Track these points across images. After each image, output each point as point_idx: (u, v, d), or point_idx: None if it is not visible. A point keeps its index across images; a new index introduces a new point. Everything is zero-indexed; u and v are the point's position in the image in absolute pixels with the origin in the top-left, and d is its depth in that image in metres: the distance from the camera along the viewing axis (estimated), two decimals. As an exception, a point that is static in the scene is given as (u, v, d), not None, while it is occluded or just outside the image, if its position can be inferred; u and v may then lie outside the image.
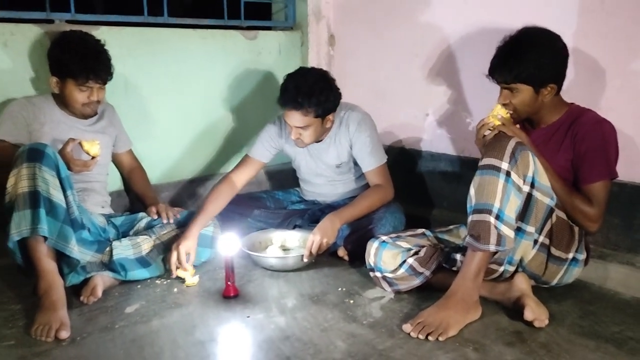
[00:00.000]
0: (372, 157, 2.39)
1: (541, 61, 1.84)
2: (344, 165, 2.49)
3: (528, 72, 1.85)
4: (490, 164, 1.76)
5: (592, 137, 1.88)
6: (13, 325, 1.78)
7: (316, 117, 2.27)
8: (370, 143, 2.38)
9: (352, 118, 2.40)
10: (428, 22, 2.71)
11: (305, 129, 2.29)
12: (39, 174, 1.86)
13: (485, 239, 1.73)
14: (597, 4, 2.10)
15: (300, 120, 2.26)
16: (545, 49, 1.86)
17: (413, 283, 1.97)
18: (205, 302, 1.97)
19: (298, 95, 2.20)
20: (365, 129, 2.39)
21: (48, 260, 1.88)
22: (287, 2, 3.19)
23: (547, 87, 1.89)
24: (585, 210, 1.88)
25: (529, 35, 1.90)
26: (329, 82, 2.31)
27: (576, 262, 1.93)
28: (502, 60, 1.91)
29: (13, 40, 2.30)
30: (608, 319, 1.83)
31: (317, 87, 2.23)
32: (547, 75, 1.87)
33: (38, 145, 1.92)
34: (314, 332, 1.75)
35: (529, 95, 1.90)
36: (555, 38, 1.90)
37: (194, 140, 2.88)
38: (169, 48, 2.71)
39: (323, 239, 2.18)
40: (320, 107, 2.25)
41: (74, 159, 2.03)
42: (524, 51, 1.86)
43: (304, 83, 2.23)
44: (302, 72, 2.33)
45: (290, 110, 2.25)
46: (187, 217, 2.31)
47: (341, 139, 2.43)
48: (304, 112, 2.23)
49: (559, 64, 1.89)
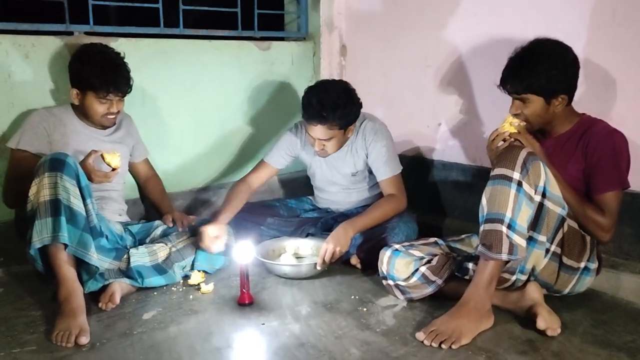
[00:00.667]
0: (387, 166, 2.42)
1: (552, 72, 1.86)
2: (360, 174, 2.52)
3: (539, 83, 1.88)
4: (502, 174, 1.78)
5: (603, 147, 1.90)
6: (34, 331, 1.82)
7: (340, 129, 2.32)
8: (386, 153, 2.42)
9: (369, 128, 2.44)
10: (439, 33, 2.74)
11: (328, 140, 2.33)
12: (60, 183, 1.90)
13: (497, 248, 1.75)
14: (608, 16, 2.12)
15: (325, 134, 2.30)
16: (556, 60, 1.88)
17: (425, 291, 1.99)
18: (220, 309, 2.00)
19: (323, 110, 2.24)
20: (382, 138, 2.43)
21: (68, 267, 1.92)
22: (299, 13, 3.24)
23: (558, 98, 1.91)
24: (597, 220, 1.89)
25: (540, 47, 1.93)
26: (351, 94, 2.35)
27: (588, 271, 1.94)
28: (513, 71, 1.94)
29: (34, 52, 2.35)
30: (620, 328, 1.84)
31: (341, 101, 2.26)
32: (558, 86, 1.89)
33: (59, 155, 1.96)
34: (328, 339, 1.78)
35: (540, 105, 1.93)
36: (567, 49, 1.92)
37: (208, 149, 2.93)
38: (184, 59, 2.76)
39: (336, 248, 2.20)
40: (344, 119, 2.30)
41: (95, 170, 2.08)
42: (535, 62, 1.89)
43: (327, 97, 2.26)
44: (324, 86, 2.36)
45: (316, 124, 2.29)
46: (202, 224, 2.35)
47: (357, 148, 2.46)
48: (329, 125, 2.28)
49: (569, 75, 1.91)
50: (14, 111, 2.34)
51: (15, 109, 2.34)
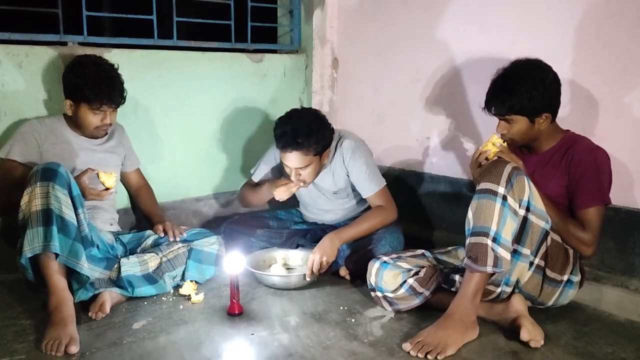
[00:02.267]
0: (371, 182, 2.43)
1: (532, 93, 1.91)
2: (342, 191, 2.54)
3: (521, 104, 1.93)
4: (487, 188, 1.83)
5: (586, 164, 1.95)
6: (24, 340, 1.82)
7: (315, 155, 2.33)
8: (367, 170, 2.42)
9: (345, 146, 2.44)
10: (429, 49, 2.79)
11: (305, 168, 2.34)
12: (52, 192, 1.91)
13: (482, 260, 1.79)
14: (592, 35, 2.18)
15: (301, 161, 2.31)
16: (535, 80, 1.93)
17: (413, 303, 2.02)
18: (210, 319, 2.02)
19: (297, 137, 2.25)
20: (360, 156, 2.43)
21: (59, 276, 1.93)
22: (292, 26, 3.28)
23: (542, 116, 1.97)
24: (579, 236, 1.94)
25: (519, 69, 1.97)
26: (323, 120, 2.38)
27: (571, 284, 1.99)
28: (495, 93, 1.99)
29: (28, 62, 2.38)
30: (602, 340, 1.88)
31: (314, 127, 2.29)
32: (539, 105, 1.94)
33: (51, 165, 1.98)
34: (316, 350, 1.80)
35: (525, 125, 1.98)
36: (546, 69, 1.97)
37: (200, 159, 2.95)
38: (177, 70, 2.79)
39: (323, 258, 2.23)
40: (320, 144, 2.31)
41: (89, 188, 2.11)
42: (515, 84, 1.93)
43: (300, 124, 2.28)
44: (297, 115, 2.37)
45: (291, 152, 2.29)
46: (193, 235, 2.37)
47: (337, 167, 2.47)
48: (305, 152, 2.29)
49: (550, 94, 1.96)
50: (6, 121, 2.36)
51: (7, 118, 2.36)
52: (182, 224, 2.75)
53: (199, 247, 2.31)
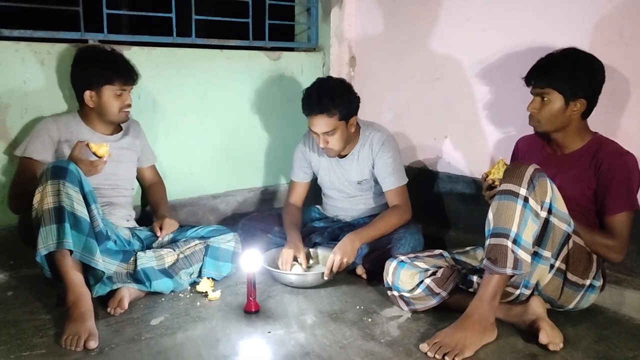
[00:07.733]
0: (393, 177, 2.45)
1: (577, 72, 1.91)
2: (365, 182, 2.55)
3: (562, 79, 1.92)
4: (508, 189, 1.81)
5: (615, 169, 1.92)
6: (43, 335, 1.85)
7: (341, 120, 2.36)
8: (392, 164, 2.45)
9: (376, 138, 2.49)
10: (448, 48, 2.77)
11: (331, 133, 2.37)
12: (63, 190, 1.92)
13: (502, 262, 1.77)
14: (615, 35, 2.15)
15: (327, 124, 2.34)
16: (583, 63, 1.93)
17: (430, 303, 2.01)
18: (227, 316, 2.03)
19: (322, 99, 2.31)
20: (389, 149, 2.47)
21: (75, 272, 1.94)
22: (310, 24, 3.28)
23: (577, 102, 1.94)
24: (607, 244, 1.92)
25: (573, 50, 1.99)
26: (346, 85, 2.44)
27: (593, 288, 1.96)
28: (539, 65, 1.99)
29: (49, 59, 2.40)
30: (622, 344, 1.85)
31: (337, 90, 2.35)
32: (579, 88, 1.92)
33: (61, 163, 1.98)
34: (333, 349, 1.80)
35: (557, 106, 1.95)
36: (597, 61, 1.96)
37: (218, 156, 2.97)
38: (196, 67, 2.80)
39: (343, 259, 2.23)
40: (344, 107, 2.35)
41: (82, 160, 2.06)
42: (563, 59, 1.94)
43: (324, 87, 2.36)
44: (321, 80, 2.46)
45: (317, 114, 2.34)
46: (210, 232, 2.38)
47: (364, 157, 2.51)
48: (330, 114, 2.32)
49: (593, 81, 1.94)
50: (26, 117, 2.39)
51: (28, 114, 2.39)
52: (198, 220, 2.77)
53: (216, 244, 2.32)
